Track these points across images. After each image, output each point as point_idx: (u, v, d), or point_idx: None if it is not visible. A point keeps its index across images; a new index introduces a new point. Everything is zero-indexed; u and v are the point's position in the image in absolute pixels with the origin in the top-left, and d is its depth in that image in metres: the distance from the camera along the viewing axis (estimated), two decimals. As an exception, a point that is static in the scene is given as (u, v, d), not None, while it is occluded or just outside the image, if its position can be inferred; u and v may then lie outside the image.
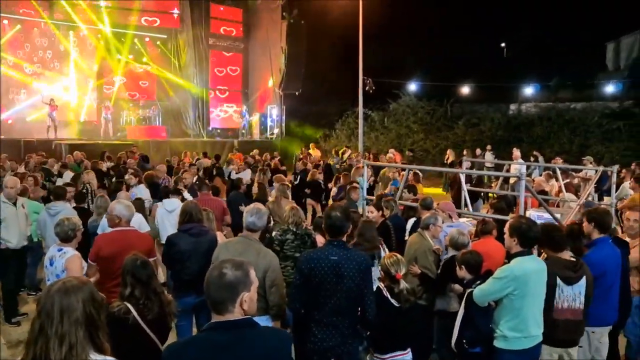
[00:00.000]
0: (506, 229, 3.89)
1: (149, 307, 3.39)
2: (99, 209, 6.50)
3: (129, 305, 3.34)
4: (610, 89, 23.23)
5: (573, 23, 30.44)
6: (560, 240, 3.93)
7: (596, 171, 8.69)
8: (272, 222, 7.27)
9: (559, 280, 3.78)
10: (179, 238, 4.72)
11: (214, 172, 12.50)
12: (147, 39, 22.79)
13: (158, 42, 23.00)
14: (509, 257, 3.90)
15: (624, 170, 11.88)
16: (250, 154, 16.19)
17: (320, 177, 12.01)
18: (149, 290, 3.44)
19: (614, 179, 7.46)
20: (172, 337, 3.75)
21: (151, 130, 21.84)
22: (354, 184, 8.59)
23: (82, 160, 12.88)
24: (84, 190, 8.28)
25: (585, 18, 30.47)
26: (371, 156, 17.25)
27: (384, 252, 5.06)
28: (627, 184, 9.87)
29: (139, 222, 5.98)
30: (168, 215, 6.94)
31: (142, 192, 8.33)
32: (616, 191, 8.63)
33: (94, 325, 2.10)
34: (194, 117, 23.77)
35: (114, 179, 10.26)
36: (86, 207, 7.67)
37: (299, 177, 12.20)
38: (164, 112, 22.99)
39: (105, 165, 12.27)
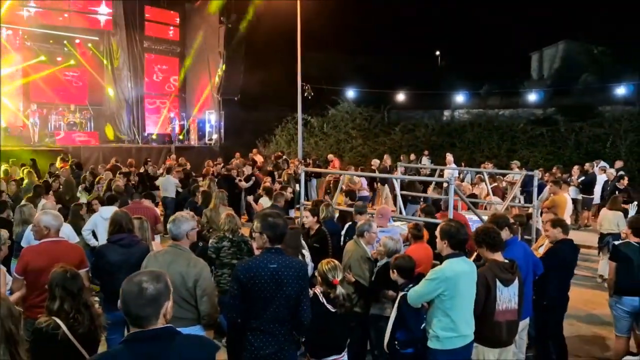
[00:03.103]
0: (437, 232, 4.02)
1: (79, 320, 3.26)
2: (24, 216, 6.19)
3: (58, 320, 3.20)
4: (534, 97, 24.65)
5: (501, 35, 32.18)
6: (498, 241, 4.08)
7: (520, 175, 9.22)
8: (210, 230, 7.21)
9: (498, 283, 3.91)
10: (108, 249, 4.59)
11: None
12: (77, 41, 21.77)
13: (89, 44, 22.01)
14: (441, 259, 4.02)
15: (547, 174, 12.65)
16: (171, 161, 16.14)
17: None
18: (79, 303, 3.32)
19: (535, 182, 7.93)
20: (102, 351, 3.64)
21: (82, 136, 20.88)
22: (282, 190, 8.59)
23: None
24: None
25: (512, 30, 32.32)
26: (311, 162, 17.37)
27: (307, 258, 5.15)
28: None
29: (67, 232, 5.75)
30: (104, 223, 6.70)
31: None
32: (539, 194, 9.18)
33: (13, 341, 2.03)
34: (128, 122, 22.91)
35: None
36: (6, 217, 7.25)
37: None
38: (96, 117, 22.07)
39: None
